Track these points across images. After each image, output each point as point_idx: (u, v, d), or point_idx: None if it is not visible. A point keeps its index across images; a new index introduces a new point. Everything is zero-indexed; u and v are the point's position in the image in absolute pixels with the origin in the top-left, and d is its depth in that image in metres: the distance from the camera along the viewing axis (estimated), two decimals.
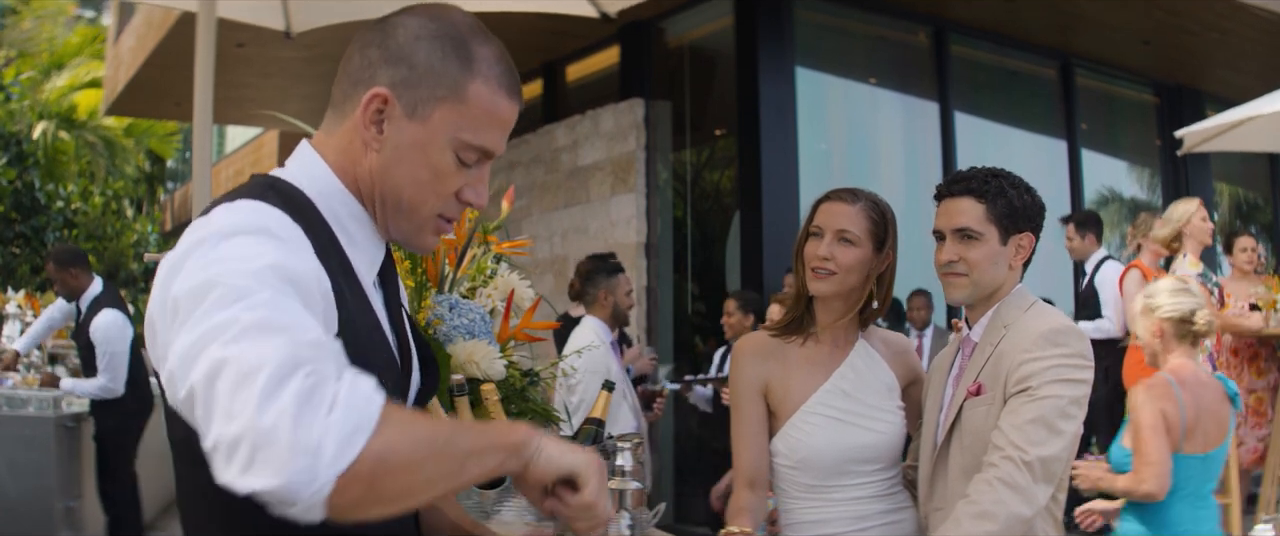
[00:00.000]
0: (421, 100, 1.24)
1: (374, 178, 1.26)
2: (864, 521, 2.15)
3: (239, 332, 1.00)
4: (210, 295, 1.04)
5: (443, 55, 1.24)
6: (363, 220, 1.28)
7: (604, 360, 4.19)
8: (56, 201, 15.49)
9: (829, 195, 2.21)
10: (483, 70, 1.26)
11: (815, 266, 2.15)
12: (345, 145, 1.27)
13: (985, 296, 2.13)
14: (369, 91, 1.23)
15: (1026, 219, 2.10)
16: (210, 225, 1.14)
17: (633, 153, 7.28)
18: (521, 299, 2.23)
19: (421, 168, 1.25)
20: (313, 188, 1.26)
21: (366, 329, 1.24)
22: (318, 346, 1.03)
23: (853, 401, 2.17)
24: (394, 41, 1.25)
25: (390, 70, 1.24)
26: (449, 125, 1.24)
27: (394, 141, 1.24)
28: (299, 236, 1.16)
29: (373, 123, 1.24)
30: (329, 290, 1.16)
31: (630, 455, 1.54)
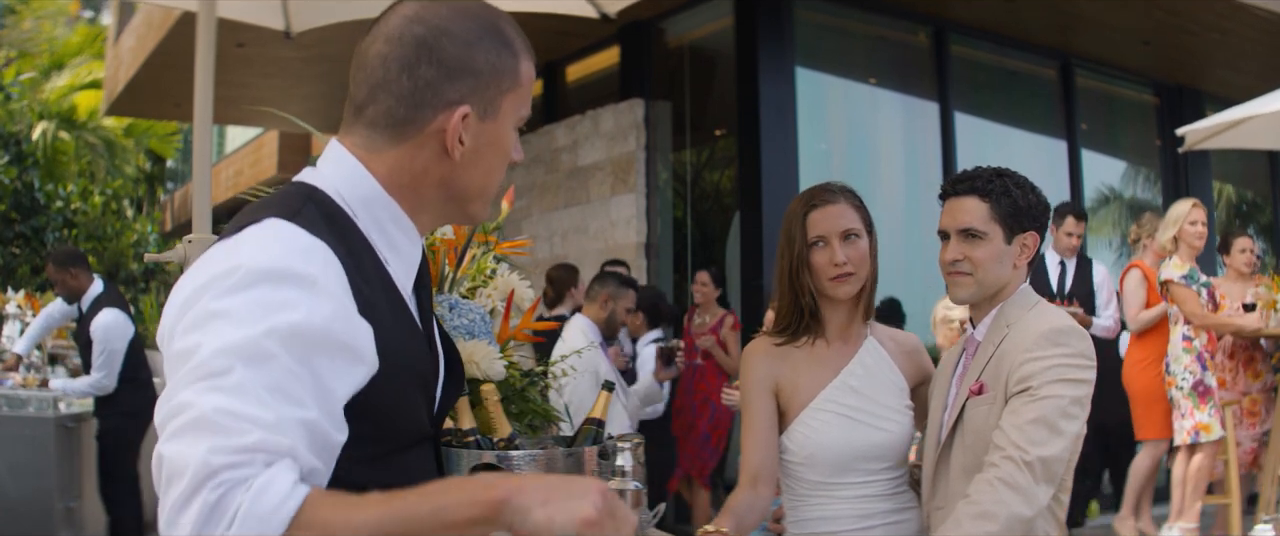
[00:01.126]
0: (490, 100, 1.26)
1: (446, 182, 1.27)
2: (869, 520, 2.15)
3: (181, 427, 1.01)
4: (189, 363, 1.04)
5: (496, 52, 1.27)
6: (405, 224, 1.28)
7: (593, 360, 4.23)
8: (56, 201, 15.49)
9: (811, 203, 2.20)
10: (521, 47, 1.30)
11: (833, 275, 2.15)
12: (404, 164, 1.25)
13: (989, 296, 2.13)
14: (453, 112, 1.23)
15: (1031, 218, 2.11)
16: (233, 256, 1.11)
17: (633, 153, 7.28)
18: (521, 299, 2.23)
19: (498, 157, 1.29)
20: (353, 195, 1.24)
21: (409, 344, 1.24)
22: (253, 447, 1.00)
23: (862, 398, 2.17)
24: (447, 54, 1.24)
25: (458, 84, 1.24)
26: (513, 109, 1.29)
27: (474, 145, 1.26)
28: (336, 271, 1.14)
29: (459, 141, 1.24)
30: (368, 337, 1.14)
31: (630, 455, 1.54)
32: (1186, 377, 5.25)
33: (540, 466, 1.63)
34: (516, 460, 1.64)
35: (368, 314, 1.15)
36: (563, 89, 8.50)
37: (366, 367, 1.14)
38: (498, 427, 1.76)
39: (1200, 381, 5.22)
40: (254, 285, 1.08)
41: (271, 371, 1.04)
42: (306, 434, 1.05)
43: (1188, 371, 5.28)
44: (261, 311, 1.06)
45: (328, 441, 1.09)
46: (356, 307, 1.14)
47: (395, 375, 1.18)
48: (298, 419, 1.05)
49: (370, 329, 1.14)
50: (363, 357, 1.13)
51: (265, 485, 0.98)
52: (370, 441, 1.17)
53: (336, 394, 1.10)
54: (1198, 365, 5.27)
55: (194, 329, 1.07)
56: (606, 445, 1.69)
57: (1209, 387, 5.23)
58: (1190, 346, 5.32)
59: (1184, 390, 5.26)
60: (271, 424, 1.02)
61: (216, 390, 1.01)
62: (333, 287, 1.12)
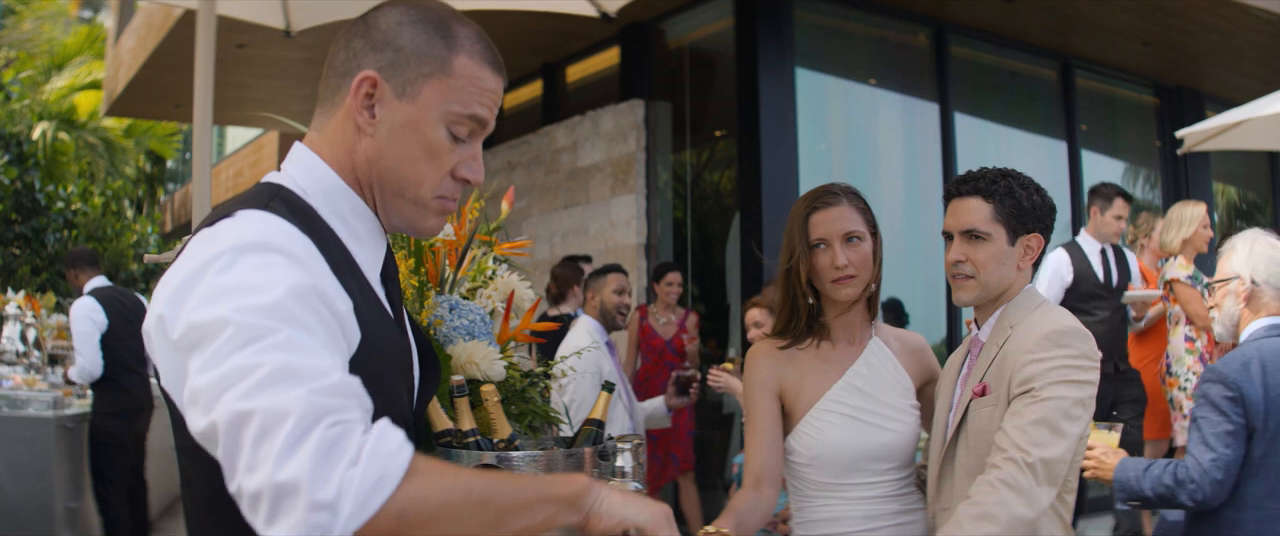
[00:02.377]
0: (409, 80, 1.27)
1: (370, 163, 1.28)
2: (875, 521, 2.15)
3: (261, 381, 1.01)
4: (225, 332, 1.05)
5: (426, 36, 1.28)
6: (365, 215, 1.30)
7: (596, 360, 4.23)
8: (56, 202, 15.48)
9: (812, 205, 2.19)
10: (465, 45, 1.30)
11: (835, 277, 2.15)
12: (338, 137, 1.29)
13: (993, 297, 2.12)
14: (357, 76, 1.26)
15: (1035, 219, 2.09)
16: (218, 241, 1.13)
17: (633, 154, 7.28)
18: (521, 300, 2.23)
19: (415, 145, 1.27)
20: (315, 189, 1.28)
21: (384, 330, 1.27)
22: (340, 391, 1.04)
23: (867, 399, 2.17)
24: (377, 30, 1.28)
25: (377, 55, 1.27)
26: (438, 100, 1.27)
27: (387, 123, 1.27)
28: (312, 250, 1.18)
29: (364, 107, 1.26)
30: (348, 307, 1.18)
31: (630, 455, 1.54)
32: (1189, 378, 5.25)
33: (540, 467, 1.63)
34: (516, 461, 1.63)
35: (348, 290, 1.20)
36: (563, 90, 8.50)
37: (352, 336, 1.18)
38: (498, 428, 1.76)
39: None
40: (247, 255, 1.11)
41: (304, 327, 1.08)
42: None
43: (1191, 372, 5.28)
44: (268, 275, 1.10)
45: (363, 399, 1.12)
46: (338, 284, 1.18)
47: (374, 354, 1.21)
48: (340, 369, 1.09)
49: (350, 301, 1.18)
50: (349, 326, 1.17)
51: (384, 430, 1.03)
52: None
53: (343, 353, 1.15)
54: (1200, 366, 5.26)
55: (209, 303, 1.08)
56: (606, 446, 1.69)
57: None
58: (1192, 347, 5.31)
59: (1187, 391, 5.26)
60: (337, 368, 1.06)
61: (275, 348, 1.03)
62: (319, 269, 1.16)
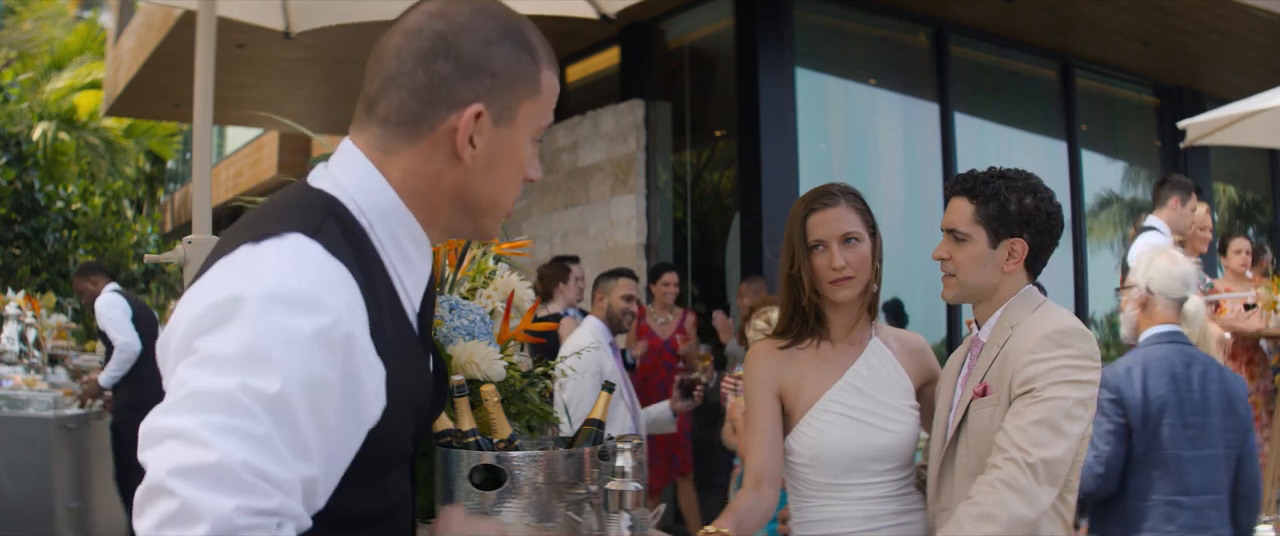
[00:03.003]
0: (507, 104, 1.21)
1: (457, 189, 1.22)
2: (875, 521, 2.14)
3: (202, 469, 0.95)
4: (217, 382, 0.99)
5: (517, 55, 1.22)
6: (420, 239, 1.24)
7: (597, 360, 4.24)
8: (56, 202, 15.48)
9: (810, 206, 2.19)
10: (544, 56, 1.25)
11: (833, 278, 2.15)
12: (417, 165, 1.20)
13: (977, 298, 2.12)
14: (464, 111, 1.18)
15: (1021, 224, 2.06)
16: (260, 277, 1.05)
17: (633, 154, 7.28)
18: (521, 300, 2.23)
19: (512, 168, 1.24)
20: (371, 206, 1.19)
21: (412, 375, 1.21)
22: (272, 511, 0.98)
23: (867, 399, 2.16)
24: (465, 51, 1.19)
25: (473, 83, 1.19)
26: (531, 118, 1.24)
27: (485, 151, 1.21)
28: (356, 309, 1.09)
29: (470, 142, 1.19)
30: (379, 381, 1.11)
31: (630, 455, 1.54)
32: None
33: (540, 467, 1.63)
34: (516, 461, 1.64)
35: (381, 351, 1.11)
36: (563, 90, 8.45)
37: (376, 410, 1.12)
38: (497, 428, 1.76)
39: None
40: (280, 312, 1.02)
41: (294, 425, 1.01)
42: (305, 490, 1.03)
43: None
44: (291, 353, 1.01)
45: (314, 500, 1.06)
46: (374, 347, 1.10)
47: (396, 408, 1.15)
48: (305, 476, 1.02)
49: (383, 370, 1.11)
50: (373, 403, 1.11)
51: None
52: (359, 466, 1.13)
53: (345, 443, 1.09)
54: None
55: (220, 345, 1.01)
56: (606, 446, 1.69)
57: None
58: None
59: None
60: (287, 483, 0.99)
61: (244, 437, 0.97)
62: (353, 322, 1.08)
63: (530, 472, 1.62)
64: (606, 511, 1.53)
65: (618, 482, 1.53)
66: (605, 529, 1.53)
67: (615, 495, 1.52)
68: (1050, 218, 2.10)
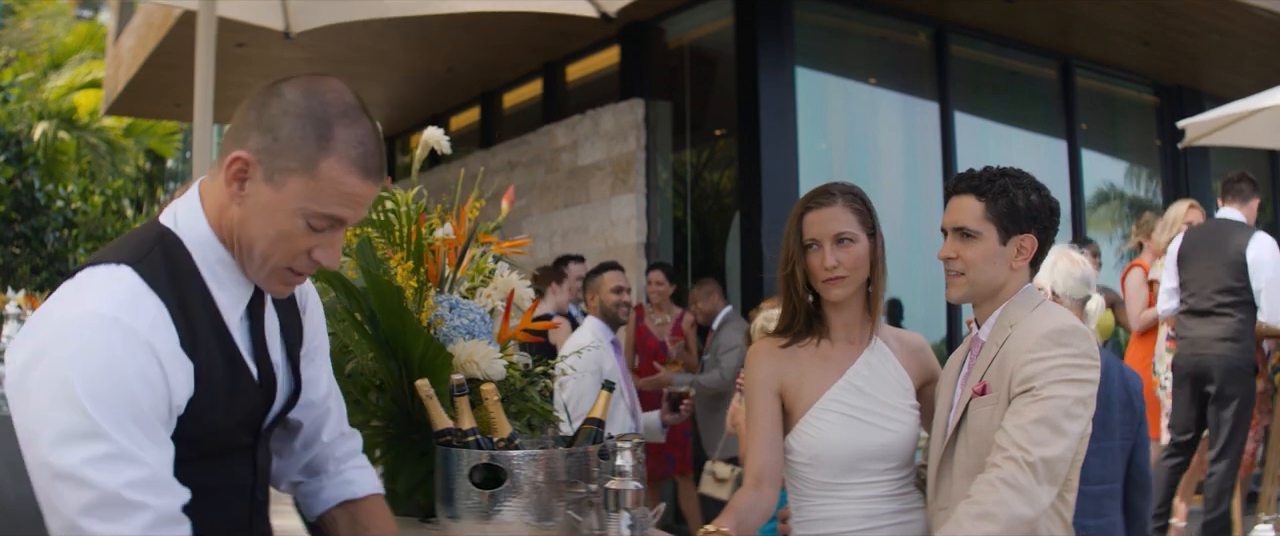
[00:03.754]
0: (278, 169, 1.37)
1: (235, 227, 1.41)
2: (875, 520, 2.15)
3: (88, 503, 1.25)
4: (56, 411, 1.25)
5: (303, 133, 1.37)
6: (229, 265, 1.44)
7: (596, 359, 4.24)
8: (56, 201, 15.48)
9: (807, 205, 2.19)
10: (338, 149, 1.37)
11: (826, 278, 2.15)
12: (218, 193, 1.42)
13: (984, 296, 2.12)
14: (233, 153, 1.38)
15: (1029, 220, 2.08)
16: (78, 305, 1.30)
17: (633, 153, 7.28)
18: (521, 299, 2.23)
19: (271, 227, 1.39)
20: (191, 236, 1.42)
21: (225, 362, 1.42)
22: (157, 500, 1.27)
23: (867, 399, 2.16)
24: (268, 110, 1.38)
25: (258, 136, 1.37)
26: (299, 196, 1.37)
27: (253, 200, 1.39)
28: (160, 321, 1.33)
29: (236, 179, 1.38)
30: (178, 365, 1.34)
31: (630, 454, 1.54)
32: (1168, 377, 5.31)
33: (540, 465, 1.63)
34: (516, 460, 1.63)
35: (190, 350, 1.35)
36: (563, 89, 8.50)
37: (184, 392, 1.35)
38: (497, 427, 1.76)
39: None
40: (84, 331, 1.27)
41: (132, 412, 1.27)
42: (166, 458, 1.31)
43: (1168, 371, 5.33)
44: (98, 353, 1.27)
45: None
46: (181, 347, 1.34)
47: (212, 405, 1.38)
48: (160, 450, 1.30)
49: (191, 365, 1.35)
50: (180, 387, 1.34)
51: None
52: (182, 444, 1.35)
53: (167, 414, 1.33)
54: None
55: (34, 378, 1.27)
56: (606, 445, 1.69)
57: None
58: (1173, 347, 5.35)
59: (1167, 390, 5.31)
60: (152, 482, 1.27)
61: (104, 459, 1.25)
62: (157, 335, 1.31)
63: (530, 471, 1.62)
64: (606, 510, 1.53)
65: (618, 481, 1.53)
66: (605, 528, 1.53)
67: (615, 494, 1.52)
68: (1052, 214, 2.12)
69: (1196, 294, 4.96)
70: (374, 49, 7.95)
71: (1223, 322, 4.86)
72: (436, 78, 8.97)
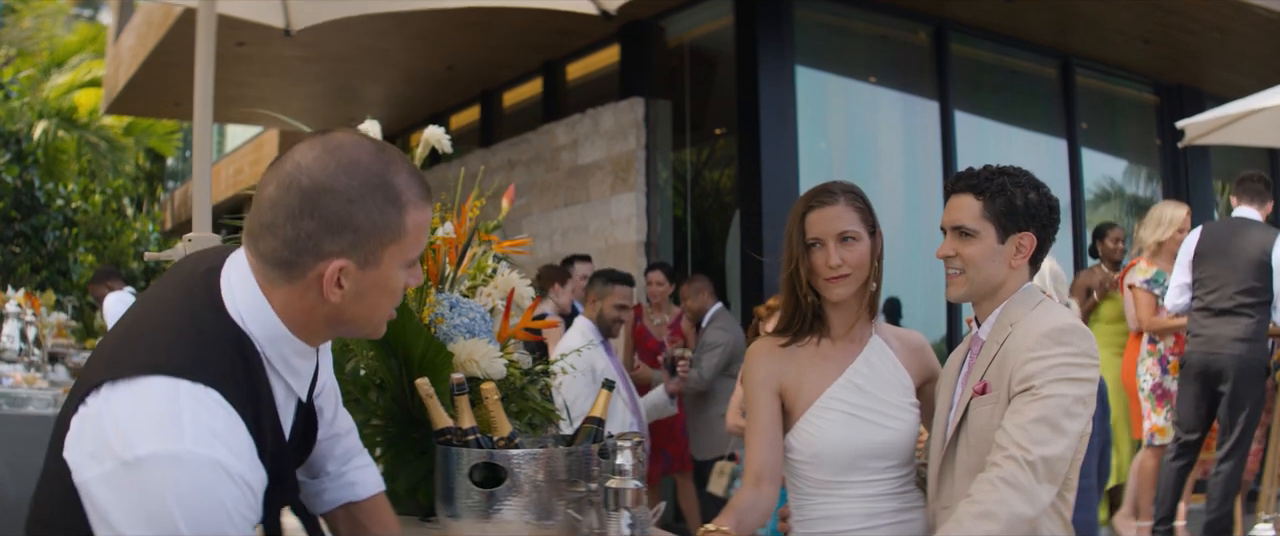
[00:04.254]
0: (371, 251, 1.34)
1: (332, 317, 1.39)
2: (875, 519, 2.15)
3: None
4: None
5: (380, 208, 1.33)
6: (304, 351, 1.43)
7: (589, 359, 4.26)
8: (56, 200, 15.49)
9: (809, 204, 2.20)
10: (409, 197, 1.36)
11: (829, 276, 2.15)
12: (294, 301, 1.37)
13: (983, 295, 2.12)
14: (327, 265, 1.33)
15: (1028, 218, 2.08)
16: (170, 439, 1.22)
17: (633, 151, 7.28)
18: (521, 298, 2.23)
19: (383, 299, 1.40)
20: (263, 336, 1.37)
21: (281, 455, 1.43)
22: None
23: (867, 397, 2.16)
24: (328, 210, 1.31)
25: (337, 239, 1.32)
26: (398, 257, 1.37)
27: (354, 290, 1.36)
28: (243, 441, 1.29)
29: (339, 286, 1.34)
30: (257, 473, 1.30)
31: (630, 453, 1.54)
32: (1146, 380, 5.34)
33: (541, 464, 1.63)
34: (516, 459, 1.63)
35: (263, 457, 1.32)
36: (563, 88, 8.49)
37: (262, 489, 1.32)
38: (497, 426, 1.76)
39: (1159, 384, 5.31)
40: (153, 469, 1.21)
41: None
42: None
43: (1148, 374, 5.35)
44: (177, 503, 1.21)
45: None
46: (259, 458, 1.31)
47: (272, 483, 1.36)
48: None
49: (264, 474, 1.32)
50: (255, 503, 1.30)
51: None
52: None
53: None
54: (1158, 368, 5.33)
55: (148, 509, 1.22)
56: (606, 443, 1.69)
57: (1168, 391, 5.30)
58: (1154, 349, 5.37)
59: (1144, 392, 5.33)
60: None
61: None
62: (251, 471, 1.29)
63: (530, 470, 1.62)
64: (606, 509, 1.53)
65: (618, 480, 1.53)
66: (605, 527, 1.53)
67: (615, 493, 1.52)
68: (1052, 212, 2.12)
69: (1216, 292, 4.90)
70: (374, 47, 7.95)
71: (1241, 322, 4.83)
72: (436, 76, 8.97)
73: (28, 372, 6.16)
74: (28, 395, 5.53)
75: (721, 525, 1.99)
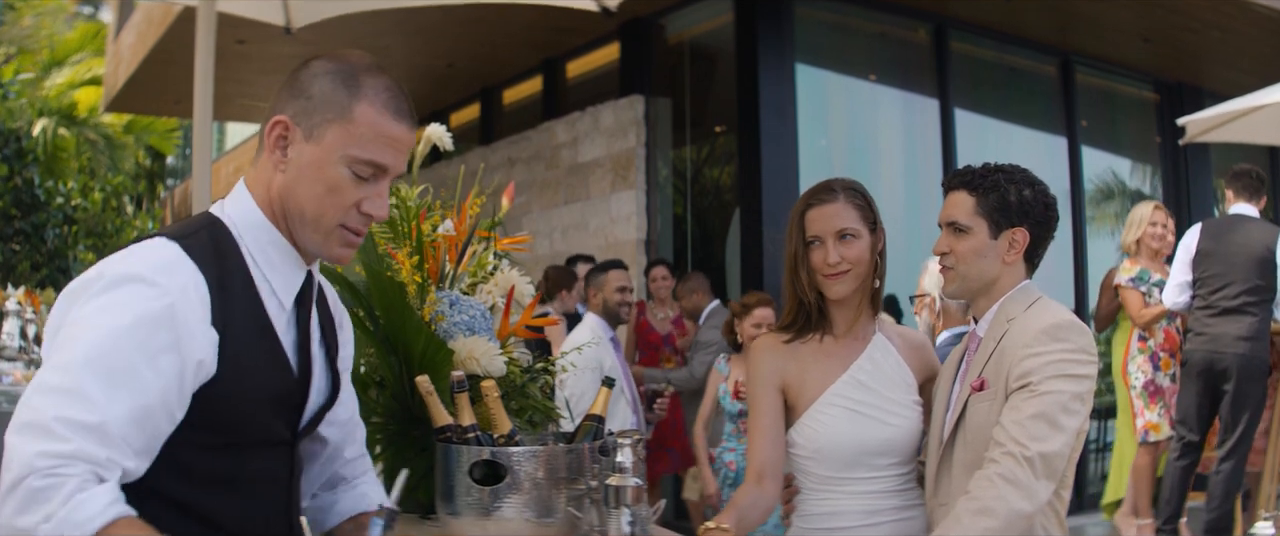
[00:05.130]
0: (315, 124, 1.44)
1: (282, 197, 1.45)
2: (877, 516, 2.14)
3: (23, 424, 1.20)
4: (50, 358, 1.28)
5: (333, 85, 1.45)
6: (282, 246, 1.48)
7: (596, 356, 4.26)
8: (56, 198, 15.48)
9: (809, 202, 2.20)
10: (368, 94, 1.45)
11: (827, 273, 2.15)
12: (262, 175, 1.47)
13: (977, 290, 2.13)
14: (272, 119, 1.45)
15: (1021, 214, 2.08)
16: (106, 266, 1.35)
17: (633, 149, 7.28)
18: (521, 295, 2.23)
19: (318, 183, 1.44)
20: (242, 222, 1.46)
21: (262, 360, 1.44)
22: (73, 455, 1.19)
23: (870, 393, 2.16)
24: (299, 80, 1.47)
25: (293, 103, 1.45)
26: (339, 144, 1.43)
27: (296, 162, 1.44)
28: (189, 284, 1.35)
29: (277, 147, 1.45)
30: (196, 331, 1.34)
31: (630, 451, 1.54)
32: (1138, 377, 5.35)
33: (541, 462, 1.63)
34: (516, 456, 1.63)
35: (220, 325, 1.36)
36: (563, 85, 8.49)
37: (204, 367, 1.35)
38: (497, 424, 1.76)
39: (1151, 381, 5.32)
40: (112, 288, 1.31)
41: (111, 365, 1.25)
42: (135, 425, 1.25)
43: (1140, 371, 5.35)
44: (114, 311, 1.29)
45: (157, 429, 1.30)
46: (208, 318, 1.35)
47: (240, 383, 1.39)
48: (128, 410, 1.24)
49: (215, 337, 1.36)
50: (200, 361, 1.34)
51: (85, 499, 1.18)
52: (209, 432, 1.38)
53: (174, 382, 1.31)
54: (1150, 365, 5.33)
55: (64, 330, 1.30)
56: (606, 441, 1.69)
57: (1160, 388, 5.30)
58: (1144, 347, 5.37)
59: (1136, 389, 5.34)
60: (94, 427, 1.21)
61: (56, 392, 1.22)
62: (185, 296, 1.34)
63: (530, 468, 1.62)
64: (607, 507, 1.53)
65: (618, 478, 1.53)
66: (605, 525, 1.53)
67: (615, 490, 1.52)
68: (1047, 209, 2.12)
69: (1219, 291, 4.89)
70: (374, 45, 7.94)
71: (1245, 321, 4.83)
72: (436, 74, 8.97)
73: (27, 370, 6.15)
74: None
75: (722, 522, 1.99)
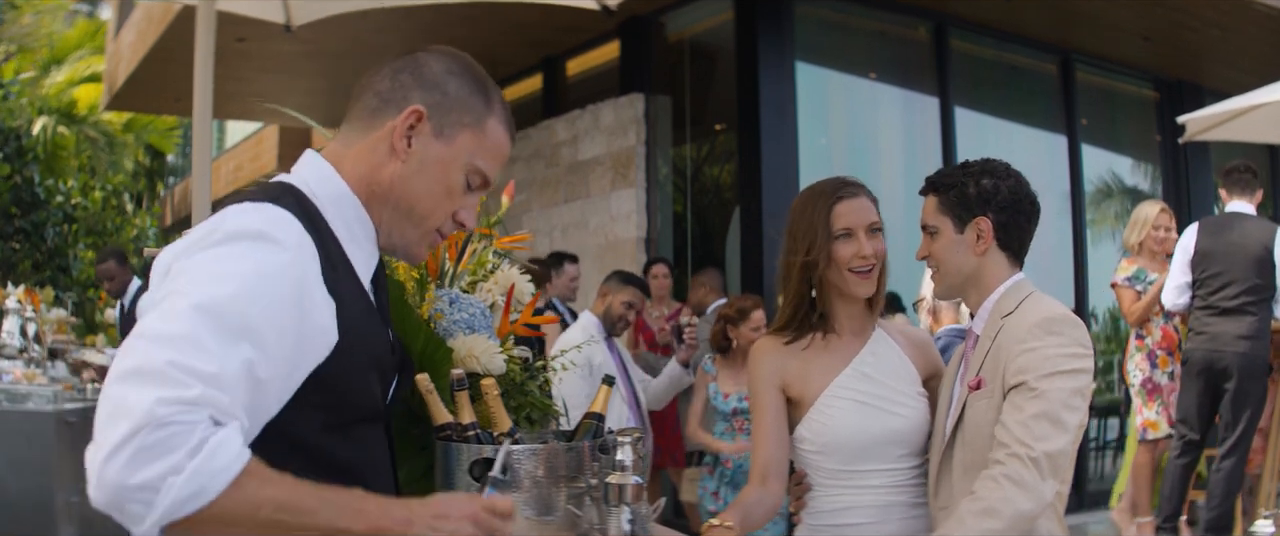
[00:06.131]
0: (449, 123, 1.41)
1: (393, 184, 1.41)
2: (888, 511, 2.13)
3: (130, 371, 1.10)
4: (160, 307, 1.17)
5: (469, 90, 1.43)
6: (367, 224, 1.43)
7: (587, 354, 4.26)
8: (56, 196, 15.47)
9: (837, 194, 2.18)
10: (498, 109, 1.46)
11: (859, 267, 2.14)
12: (365, 155, 1.41)
13: (960, 286, 2.14)
14: (407, 107, 1.39)
15: (981, 203, 2.08)
16: (218, 223, 1.25)
17: (633, 147, 7.28)
18: (521, 294, 2.23)
19: (438, 182, 1.42)
20: (323, 192, 1.40)
21: (367, 325, 1.38)
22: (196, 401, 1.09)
23: (875, 385, 2.16)
24: (428, 71, 1.42)
25: (426, 93, 1.41)
26: (468, 150, 1.42)
27: (420, 155, 1.40)
28: (305, 246, 1.28)
29: (405, 135, 1.39)
30: (317, 298, 1.27)
31: (630, 449, 1.54)
32: (1136, 375, 5.36)
33: (541, 460, 1.63)
34: (516, 454, 1.64)
35: (333, 291, 1.30)
36: (563, 83, 8.49)
37: (326, 337, 1.28)
38: (497, 422, 1.76)
39: (1149, 379, 5.32)
40: (229, 242, 1.22)
41: (228, 319, 1.15)
42: (247, 386, 1.15)
43: (1137, 369, 5.36)
44: (232, 262, 1.20)
45: (266, 400, 1.20)
46: (323, 283, 1.28)
47: (353, 351, 1.32)
48: (242, 365, 1.14)
49: (333, 304, 1.29)
50: (323, 327, 1.27)
51: (219, 445, 1.09)
52: (328, 410, 1.32)
53: (291, 346, 1.22)
54: (1147, 363, 5.34)
55: (171, 281, 1.21)
56: (606, 439, 1.69)
57: (1158, 385, 5.31)
58: (1142, 345, 5.38)
59: (1134, 387, 5.34)
60: (213, 376, 1.11)
61: (167, 338, 1.11)
62: (303, 256, 1.26)
63: (530, 466, 1.62)
64: (607, 505, 1.53)
65: (618, 476, 1.53)
66: (605, 523, 1.53)
67: (615, 489, 1.52)
68: (1012, 194, 2.10)
69: (1220, 291, 4.90)
70: (374, 43, 7.93)
71: (1245, 320, 4.83)
72: None
73: (28, 369, 6.15)
74: (28, 391, 5.53)
75: (726, 521, 1.99)
